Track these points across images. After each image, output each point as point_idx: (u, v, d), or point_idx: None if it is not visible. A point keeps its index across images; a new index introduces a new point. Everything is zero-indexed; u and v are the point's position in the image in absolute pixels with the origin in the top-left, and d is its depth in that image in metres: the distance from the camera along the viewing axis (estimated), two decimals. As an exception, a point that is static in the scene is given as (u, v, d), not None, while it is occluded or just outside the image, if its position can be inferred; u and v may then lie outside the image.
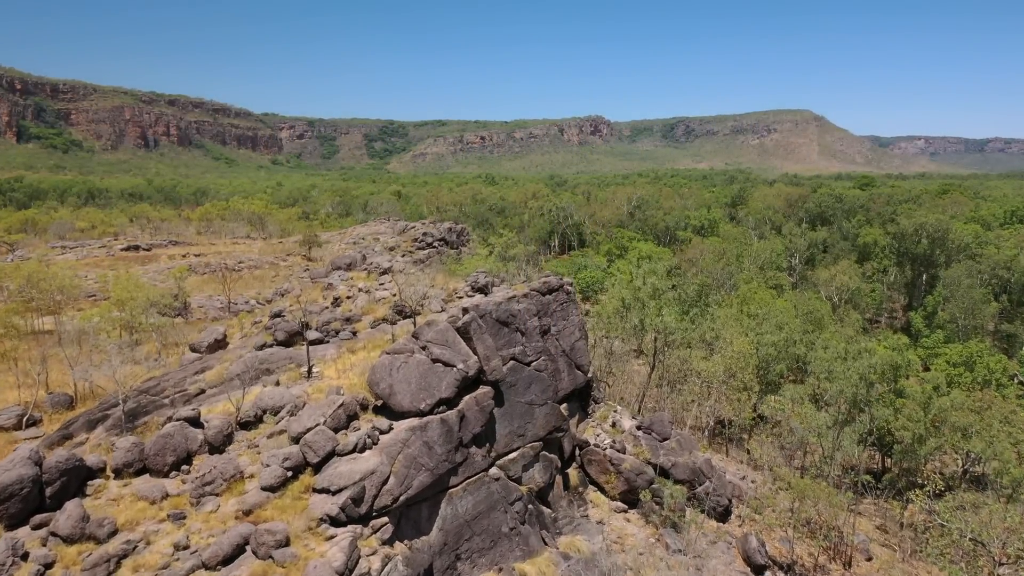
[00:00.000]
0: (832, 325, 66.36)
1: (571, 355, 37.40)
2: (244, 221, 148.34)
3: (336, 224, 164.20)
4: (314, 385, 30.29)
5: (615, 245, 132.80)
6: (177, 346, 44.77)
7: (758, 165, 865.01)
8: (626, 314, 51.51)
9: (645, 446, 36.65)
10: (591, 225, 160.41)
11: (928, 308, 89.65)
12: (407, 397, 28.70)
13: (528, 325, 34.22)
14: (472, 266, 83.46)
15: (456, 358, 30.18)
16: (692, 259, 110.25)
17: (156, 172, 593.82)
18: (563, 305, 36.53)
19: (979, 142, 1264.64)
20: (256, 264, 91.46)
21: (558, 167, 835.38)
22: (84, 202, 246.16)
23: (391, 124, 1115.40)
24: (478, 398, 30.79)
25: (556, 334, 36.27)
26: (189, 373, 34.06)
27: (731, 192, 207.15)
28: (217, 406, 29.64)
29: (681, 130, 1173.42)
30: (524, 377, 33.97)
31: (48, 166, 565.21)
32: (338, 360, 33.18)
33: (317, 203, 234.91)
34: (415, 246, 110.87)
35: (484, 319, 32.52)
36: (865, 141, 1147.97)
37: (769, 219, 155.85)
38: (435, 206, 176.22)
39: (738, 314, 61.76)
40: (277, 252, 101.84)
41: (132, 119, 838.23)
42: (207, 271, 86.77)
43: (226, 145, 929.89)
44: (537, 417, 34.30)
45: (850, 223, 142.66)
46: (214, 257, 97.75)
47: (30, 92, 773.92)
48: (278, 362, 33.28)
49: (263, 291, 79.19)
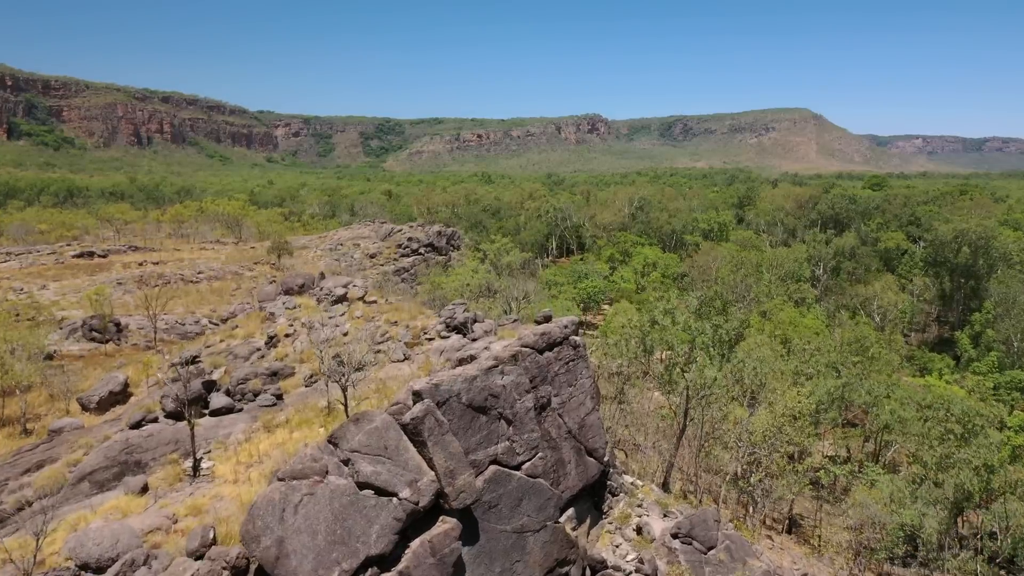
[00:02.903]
0: (882, 355, 56.97)
1: (580, 437, 26.31)
2: (220, 223, 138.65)
3: (319, 226, 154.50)
4: (189, 500, 20.19)
5: (618, 250, 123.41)
6: (65, 400, 34.54)
7: (756, 164, 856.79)
8: (634, 341, 41.64)
9: (684, 562, 26.68)
10: (591, 228, 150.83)
11: (975, 327, 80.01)
12: (308, 563, 17.48)
13: (518, 407, 23.17)
14: (460, 279, 73.89)
15: (399, 479, 19.40)
16: (703, 267, 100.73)
17: (148, 170, 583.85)
18: (569, 365, 26.25)
19: (977, 141, 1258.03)
20: (217, 274, 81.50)
21: (555, 166, 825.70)
22: (62, 201, 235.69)
23: (387, 122, 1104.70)
24: (435, 543, 19.74)
25: (559, 407, 25.62)
26: (15, 473, 24.01)
27: (737, 192, 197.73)
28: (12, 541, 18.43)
29: (679, 129, 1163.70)
30: (511, 490, 23.09)
31: (38, 163, 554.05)
32: (247, 443, 23.45)
33: (304, 203, 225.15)
34: (399, 253, 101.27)
35: (449, 407, 21.45)
36: (863, 140, 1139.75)
37: (781, 221, 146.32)
38: (426, 207, 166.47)
39: (769, 340, 52.44)
40: (245, 260, 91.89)
41: (125, 116, 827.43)
42: (160, 283, 76.84)
43: (220, 143, 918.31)
44: (531, 551, 23.06)
45: (868, 226, 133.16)
46: (174, 265, 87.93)
47: (21, 88, 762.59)
48: (157, 448, 23.50)
49: (220, 308, 69.45)
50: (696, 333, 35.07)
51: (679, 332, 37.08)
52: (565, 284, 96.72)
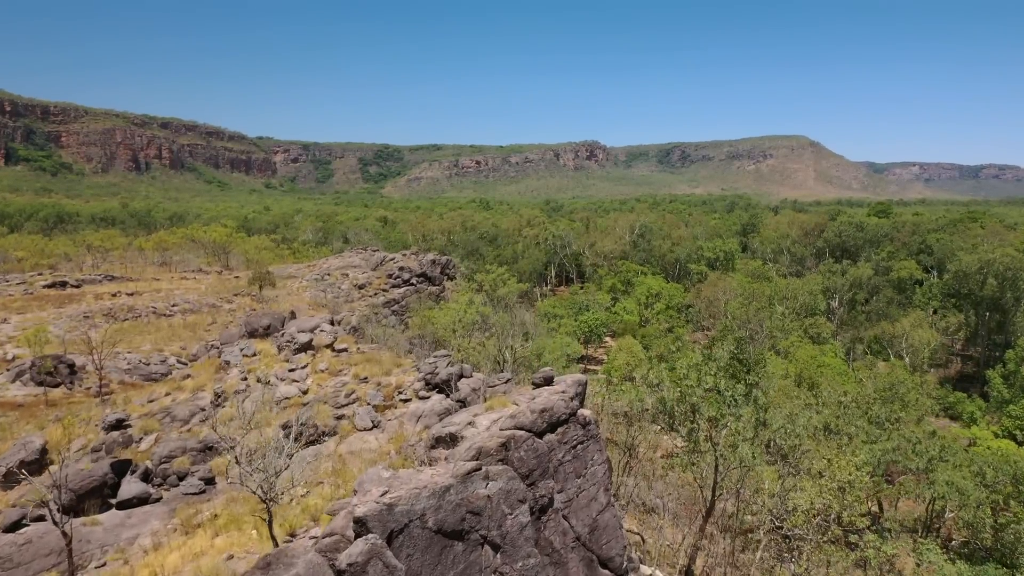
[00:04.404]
0: (917, 400, 51.45)
1: (592, 543, 19.94)
2: (206, 250, 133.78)
3: (310, 254, 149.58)
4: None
5: (619, 280, 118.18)
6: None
7: (754, 190, 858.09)
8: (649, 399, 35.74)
9: None
10: (591, 256, 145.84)
11: (1009, 365, 74.61)
12: None
13: (508, 526, 16.59)
14: (452, 314, 68.45)
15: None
16: (710, 299, 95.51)
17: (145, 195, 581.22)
18: (576, 450, 20.08)
19: (973, 168, 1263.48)
20: (193, 307, 76.00)
21: (554, 192, 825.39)
22: (51, 227, 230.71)
23: (386, 148, 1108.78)
24: None
25: (564, 507, 19.32)
26: None
27: (740, 220, 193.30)
28: None
29: (677, 155, 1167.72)
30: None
31: (35, 189, 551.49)
32: (153, 553, 17.80)
33: (298, 229, 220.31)
34: (389, 283, 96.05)
35: (409, 535, 14.71)
36: (860, 167, 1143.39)
37: (787, 249, 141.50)
38: (421, 234, 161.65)
39: (795, 386, 47.01)
40: (226, 291, 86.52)
41: (123, 142, 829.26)
42: (129, 316, 71.41)
43: (219, 168, 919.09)
44: None
45: (879, 255, 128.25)
46: (149, 297, 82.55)
47: (20, 114, 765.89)
48: (34, 562, 17.89)
49: (192, 345, 63.93)
50: (729, 400, 29.32)
51: (710, 397, 31.29)
52: (565, 317, 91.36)
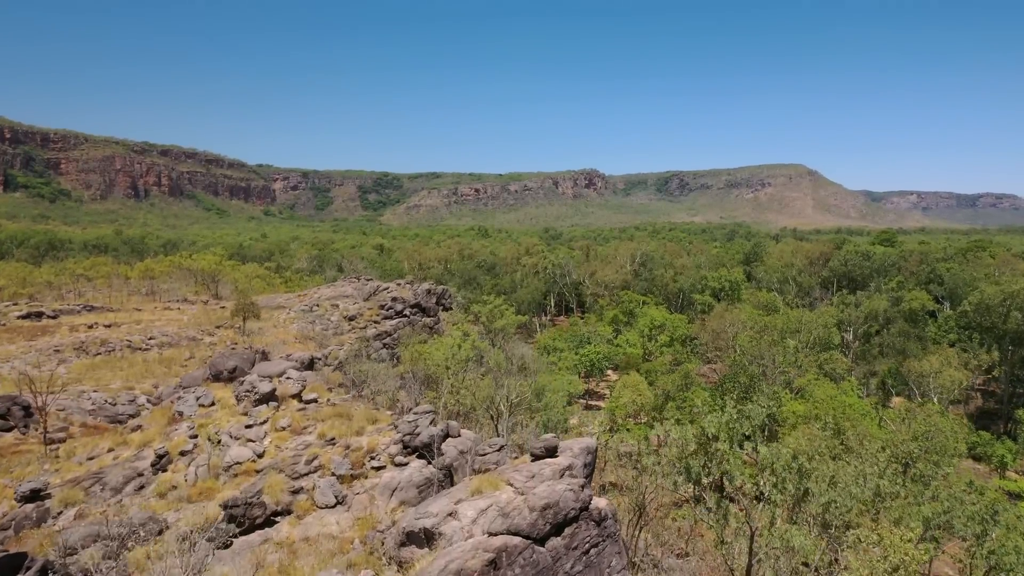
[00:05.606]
0: (951, 446, 47.07)
1: None
2: (195, 279, 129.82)
3: (303, 283, 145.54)
4: None
5: (621, 310, 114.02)
6: None
7: (753, 219, 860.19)
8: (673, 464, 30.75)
9: None
10: (591, 285, 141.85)
11: (1040, 405, 70.61)
12: None
13: None
14: (445, 350, 64.15)
15: None
16: (717, 331, 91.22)
17: (143, 223, 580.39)
18: (589, 555, 15.88)
19: (971, 197, 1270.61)
20: (172, 340, 71.62)
21: (553, 220, 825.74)
22: (43, 254, 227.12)
23: (385, 176, 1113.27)
24: None
25: None
26: None
27: (743, 248, 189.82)
28: None
29: (675, 184, 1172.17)
30: None
31: (32, 216, 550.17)
32: None
33: (293, 257, 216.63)
34: (381, 314, 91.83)
35: None
36: (859, 195, 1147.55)
37: (792, 279, 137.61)
38: (417, 262, 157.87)
39: (822, 433, 42.63)
40: (208, 323, 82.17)
41: (123, 169, 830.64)
42: (102, 350, 67.02)
43: (218, 196, 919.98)
44: None
45: (888, 285, 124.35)
46: (126, 329, 78.19)
47: (20, 141, 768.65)
48: None
49: (165, 381, 59.50)
50: (769, 471, 25.05)
51: (740, 462, 26.80)
52: (565, 350, 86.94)
